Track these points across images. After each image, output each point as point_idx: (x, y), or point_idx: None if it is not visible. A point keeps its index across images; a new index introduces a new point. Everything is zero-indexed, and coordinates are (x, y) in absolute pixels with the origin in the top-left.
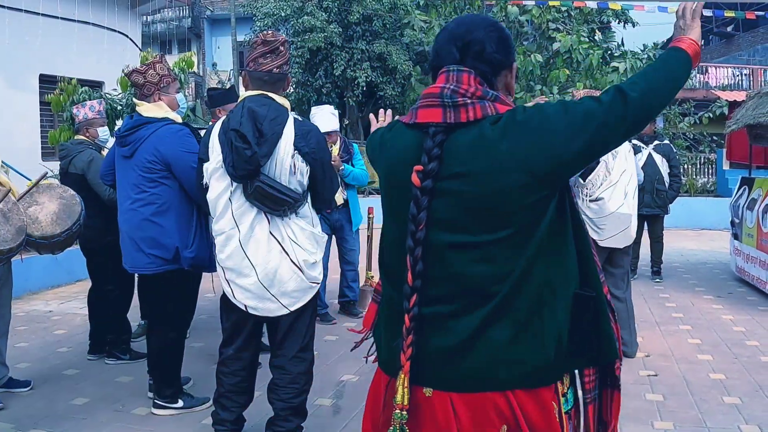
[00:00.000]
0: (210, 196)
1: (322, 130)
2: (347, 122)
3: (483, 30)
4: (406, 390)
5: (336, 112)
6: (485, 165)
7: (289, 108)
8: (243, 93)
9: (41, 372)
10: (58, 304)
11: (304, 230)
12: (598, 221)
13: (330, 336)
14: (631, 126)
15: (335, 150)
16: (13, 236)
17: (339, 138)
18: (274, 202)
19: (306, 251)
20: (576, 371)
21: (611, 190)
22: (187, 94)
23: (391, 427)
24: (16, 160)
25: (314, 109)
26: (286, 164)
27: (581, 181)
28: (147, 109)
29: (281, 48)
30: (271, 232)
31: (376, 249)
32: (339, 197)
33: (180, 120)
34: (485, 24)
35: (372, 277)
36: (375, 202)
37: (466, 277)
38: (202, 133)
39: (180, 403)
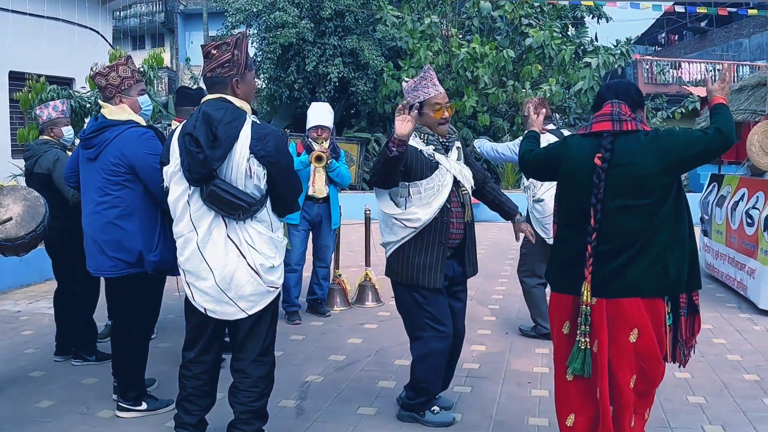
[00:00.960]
0: (170, 199)
1: (314, 123)
2: None
3: (627, 83)
4: (588, 292)
5: (332, 111)
6: (639, 158)
7: (249, 111)
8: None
9: (8, 374)
10: (26, 304)
11: (262, 235)
12: (543, 221)
13: (296, 335)
14: (721, 148)
15: (324, 144)
16: None
17: (330, 138)
18: (228, 206)
19: (263, 255)
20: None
21: (551, 192)
22: (159, 89)
23: (580, 318)
24: None
25: (314, 104)
26: (242, 168)
27: (525, 182)
28: (111, 112)
29: (213, 51)
30: (228, 236)
31: (344, 248)
32: (323, 190)
33: (144, 122)
34: (628, 81)
35: (340, 275)
36: (342, 199)
37: (623, 228)
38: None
39: (144, 406)
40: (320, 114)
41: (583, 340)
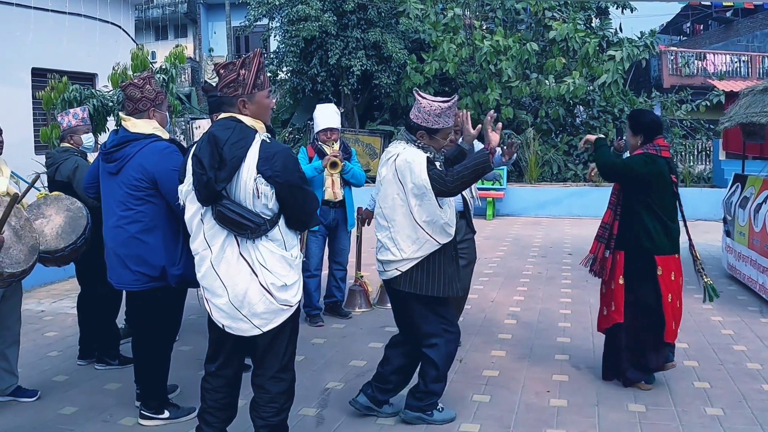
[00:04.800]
0: (185, 216)
1: (323, 126)
2: (342, 110)
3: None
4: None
5: (339, 111)
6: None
7: (261, 129)
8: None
9: (31, 378)
10: (50, 303)
11: (274, 254)
12: None
13: (318, 339)
14: None
15: (335, 146)
16: (26, 257)
17: (340, 138)
18: (236, 226)
19: (275, 275)
20: None
21: None
22: (183, 80)
23: (698, 266)
24: (8, 156)
25: (319, 106)
26: (249, 188)
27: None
28: (134, 125)
29: (221, 71)
30: (241, 254)
31: (367, 244)
32: (339, 194)
33: (167, 136)
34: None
35: (362, 276)
36: (366, 192)
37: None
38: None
39: (166, 414)
40: (328, 116)
41: (705, 279)
